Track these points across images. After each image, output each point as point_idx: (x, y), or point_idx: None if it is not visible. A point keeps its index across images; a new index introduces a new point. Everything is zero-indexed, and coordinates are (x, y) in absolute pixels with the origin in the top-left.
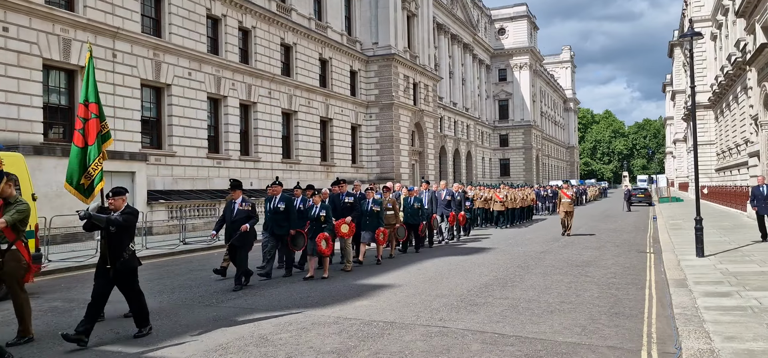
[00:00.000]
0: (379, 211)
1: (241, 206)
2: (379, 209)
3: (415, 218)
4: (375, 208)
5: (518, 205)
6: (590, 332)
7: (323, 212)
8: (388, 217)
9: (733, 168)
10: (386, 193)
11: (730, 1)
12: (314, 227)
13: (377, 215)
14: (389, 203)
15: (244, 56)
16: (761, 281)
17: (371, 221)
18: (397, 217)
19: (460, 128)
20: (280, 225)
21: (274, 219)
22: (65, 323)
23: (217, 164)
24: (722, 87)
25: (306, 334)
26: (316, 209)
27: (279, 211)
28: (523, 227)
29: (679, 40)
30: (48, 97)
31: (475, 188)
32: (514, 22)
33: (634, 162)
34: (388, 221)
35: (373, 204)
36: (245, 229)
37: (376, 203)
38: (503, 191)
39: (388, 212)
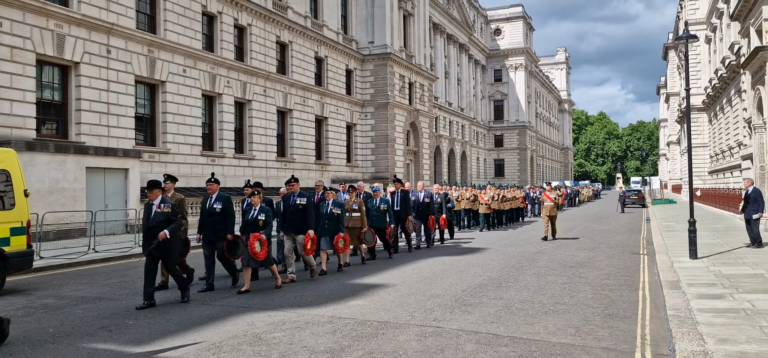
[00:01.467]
0: (340, 214)
1: (160, 207)
2: (340, 212)
3: (381, 222)
4: (335, 210)
5: (507, 206)
6: (584, 333)
7: (262, 216)
8: (354, 220)
9: (726, 171)
10: (352, 193)
11: (725, 5)
12: (250, 230)
13: (337, 218)
14: (355, 204)
15: (240, 54)
16: (754, 284)
17: (330, 225)
18: (364, 220)
19: (456, 128)
20: (215, 230)
21: (210, 223)
22: (56, 320)
23: (212, 162)
24: (716, 90)
25: (300, 333)
26: (254, 211)
27: (215, 212)
28: (509, 230)
29: (674, 42)
30: (41, 93)
31: (460, 189)
32: (510, 23)
33: (627, 164)
34: (354, 224)
35: (333, 206)
36: (163, 237)
37: (337, 204)
38: (489, 192)
39: (354, 214)
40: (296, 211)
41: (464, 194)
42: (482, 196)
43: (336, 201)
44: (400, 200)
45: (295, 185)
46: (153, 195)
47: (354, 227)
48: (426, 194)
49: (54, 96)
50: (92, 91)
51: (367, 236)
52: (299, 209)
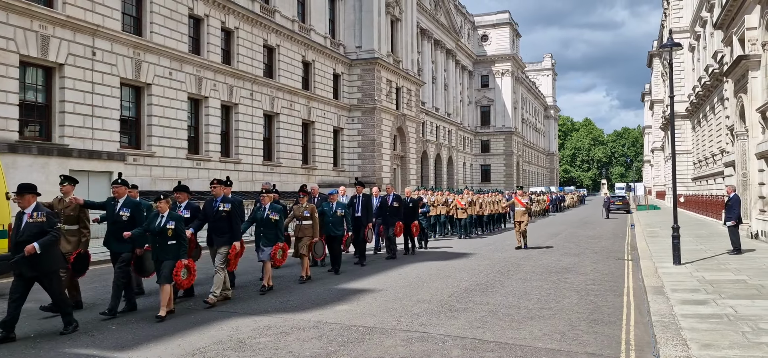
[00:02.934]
0: (278, 220)
1: (33, 217)
2: (278, 218)
3: (338, 229)
4: (273, 216)
5: (486, 211)
6: (569, 339)
7: (171, 224)
8: (305, 229)
9: (710, 177)
10: (303, 198)
11: (708, 14)
12: (157, 243)
13: (275, 226)
14: (307, 210)
15: (227, 57)
16: (736, 289)
17: (267, 233)
18: (316, 228)
19: (442, 133)
20: (121, 241)
21: (114, 232)
22: (38, 325)
23: (197, 165)
24: (699, 97)
25: (285, 338)
26: (162, 219)
27: (121, 220)
28: (488, 236)
29: (658, 50)
30: (24, 94)
31: (435, 194)
32: (497, 29)
33: (612, 170)
34: (304, 233)
35: (270, 211)
36: (30, 250)
37: (275, 209)
38: (466, 197)
39: (305, 221)
40: (219, 219)
41: (439, 199)
42: (459, 200)
43: (274, 205)
44: (361, 205)
45: (218, 188)
46: (24, 202)
47: (304, 236)
48: (394, 198)
49: (37, 98)
50: (76, 93)
51: (317, 248)
52: (223, 216)
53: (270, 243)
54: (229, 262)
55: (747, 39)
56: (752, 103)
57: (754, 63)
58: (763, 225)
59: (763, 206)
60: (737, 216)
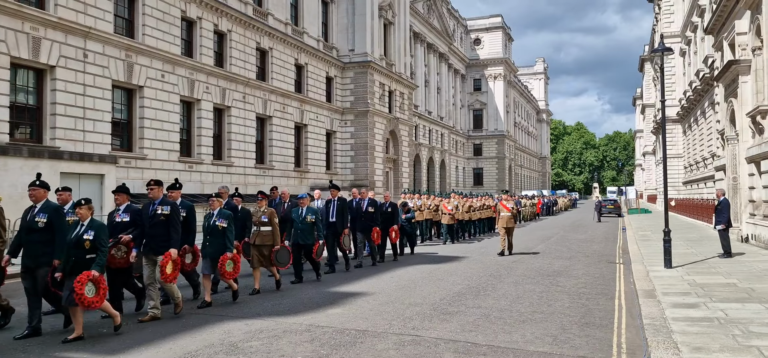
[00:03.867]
0: (226, 228)
1: None
2: (226, 225)
3: (308, 237)
4: (220, 223)
5: (476, 216)
6: (561, 342)
7: (89, 234)
8: (263, 236)
9: (700, 181)
10: (262, 202)
11: (699, 19)
12: (72, 257)
13: (223, 234)
14: (265, 215)
15: (219, 60)
16: (727, 293)
17: (213, 242)
18: (275, 235)
19: (435, 137)
20: (35, 254)
21: (29, 242)
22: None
23: (189, 168)
24: (690, 102)
25: (277, 342)
26: (81, 228)
27: (36, 229)
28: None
29: (649, 55)
30: (15, 96)
31: (422, 198)
32: (490, 33)
33: (604, 174)
34: (263, 241)
35: (218, 218)
36: None
37: (223, 216)
38: (453, 201)
39: (264, 228)
40: (156, 224)
41: (426, 203)
42: (445, 205)
43: (223, 212)
44: (336, 210)
45: (156, 190)
46: None
47: (263, 244)
48: (369, 202)
49: (28, 100)
50: (68, 95)
51: (280, 256)
52: (160, 220)
53: (216, 253)
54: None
55: (737, 44)
56: (742, 108)
57: (744, 68)
58: (753, 229)
59: (753, 210)
60: (727, 220)
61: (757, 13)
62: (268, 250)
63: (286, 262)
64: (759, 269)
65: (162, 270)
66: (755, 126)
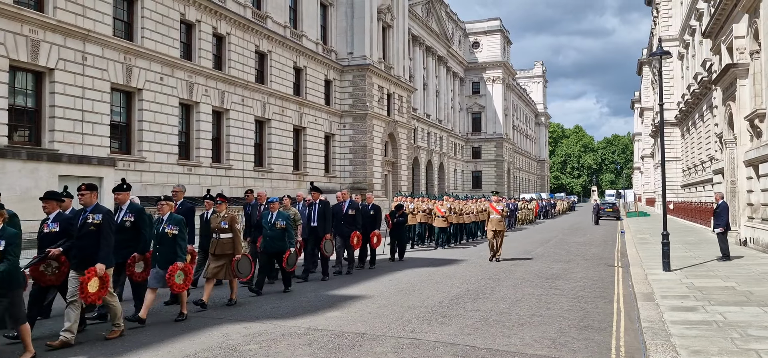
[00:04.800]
0: (177, 235)
1: None
2: (177, 232)
3: (278, 244)
4: (171, 230)
5: (468, 220)
6: (560, 345)
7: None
8: (223, 244)
9: (699, 185)
10: (221, 206)
11: (697, 22)
12: None
13: (173, 242)
14: (225, 221)
15: (218, 62)
16: (725, 296)
17: (163, 251)
18: (237, 244)
19: (434, 140)
20: None
21: None
22: None
23: (188, 171)
24: (688, 105)
25: (276, 345)
26: None
27: None
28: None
29: (648, 58)
30: (14, 99)
31: (415, 200)
32: (488, 37)
33: (603, 177)
34: (222, 250)
35: (167, 224)
36: None
37: (174, 222)
38: (446, 204)
39: (224, 235)
40: (84, 234)
41: (420, 206)
42: (438, 207)
43: (174, 217)
44: (318, 214)
45: (87, 195)
46: None
47: (223, 253)
48: (350, 205)
49: (27, 102)
50: (67, 98)
51: (242, 266)
52: (90, 230)
53: (166, 264)
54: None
55: (735, 47)
56: (740, 111)
57: (742, 71)
58: (752, 232)
59: (751, 213)
60: (726, 223)
61: (755, 17)
62: (228, 259)
63: (247, 273)
64: (757, 272)
65: (82, 288)
66: (753, 129)
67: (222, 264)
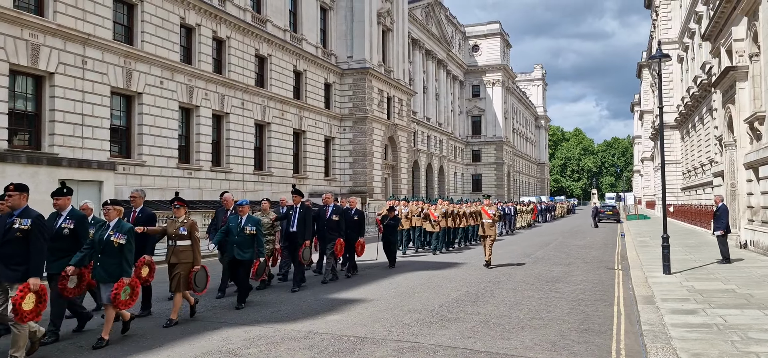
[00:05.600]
0: (124, 245)
1: None
2: (125, 242)
3: (245, 251)
4: (117, 239)
5: (463, 223)
6: (560, 348)
7: None
8: (181, 252)
9: (698, 187)
10: (180, 210)
11: (697, 25)
12: None
13: (120, 251)
14: (183, 226)
15: (218, 66)
16: (726, 299)
17: (105, 262)
18: (196, 253)
19: (433, 143)
20: None
21: None
22: None
23: (188, 175)
24: (688, 108)
25: (276, 349)
26: None
27: None
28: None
29: (647, 61)
30: (14, 103)
31: (410, 204)
32: (488, 40)
33: (602, 180)
34: (178, 258)
35: (114, 232)
36: None
37: (121, 229)
38: (441, 207)
39: (181, 241)
40: (9, 241)
41: (414, 210)
42: (432, 212)
43: (121, 224)
44: (298, 219)
45: (15, 197)
46: None
47: (180, 262)
48: (335, 210)
49: (27, 106)
50: (67, 102)
51: (198, 278)
52: (15, 237)
53: (111, 278)
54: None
55: (734, 50)
56: (740, 114)
57: (742, 74)
58: (752, 234)
59: (751, 216)
60: (726, 226)
61: (754, 20)
62: (185, 269)
63: (202, 286)
64: (758, 274)
65: (15, 306)
66: (753, 132)
67: (177, 274)
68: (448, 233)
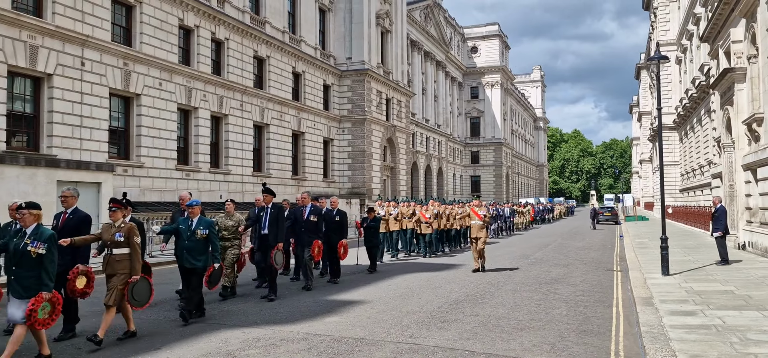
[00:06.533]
0: (44, 256)
1: None
2: (45, 252)
3: (197, 257)
4: (35, 249)
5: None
6: (559, 350)
7: None
8: (117, 262)
9: (697, 189)
10: (116, 213)
11: (695, 27)
12: None
13: (37, 263)
14: (120, 231)
15: (217, 68)
16: (724, 300)
17: (23, 275)
18: (135, 262)
19: (432, 144)
20: None
21: None
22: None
23: (187, 176)
24: (687, 109)
25: (274, 350)
26: None
27: None
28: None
29: (646, 62)
30: (12, 105)
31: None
32: (487, 41)
33: (601, 181)
34: (114, 269)
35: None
36: None
37: (41, 236)
38: (432, 208)
39: (117, 249)
40: None
41: (404, 212)
42: (423, 213)
43: (43, 230)
44: (269, 219)
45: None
46: None
47: (115, 272)
48: (312, 210)
49: (25, 108)
50: (65, 103)
51: (138, 292)
52: None
53: (27, 293)
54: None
55: (733, 52)
56: (738, 115)
57: (740, 75)
58: (750, 236)
59: (749, 217)
60: (724, 227)
61: (752, 21)
62: (121, 281)
63: (144, 300)
64: (756, 276)
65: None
66: (751, 133)
67: (112, 287)
68: (441, 235)
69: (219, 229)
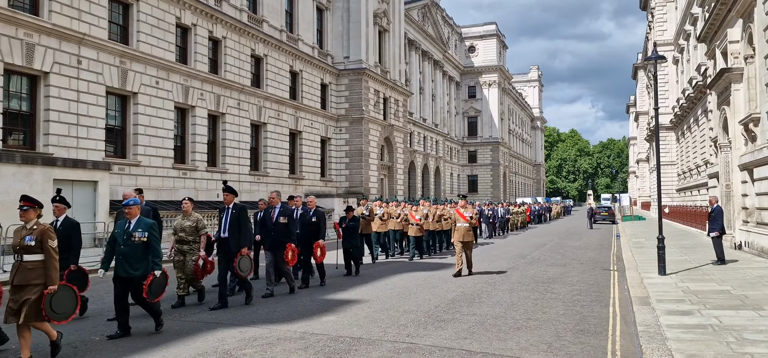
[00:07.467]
0: None
1: None
2: None
3: (135, 265)
4: None
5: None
6: (556, 349)
7: None
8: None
9: (694, 189)
10: (28, 213)
11: (692, 27)
12: None
13: None
14: (31, 235)
15: (214, 66)
16: (721, 300)
17: None
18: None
19: (430, 144)
20: None
21: None
22: None
23: (183, 175)
24: (683, 109)
25: (271, 350)
26: None
27: None
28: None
29: (643, 62)
30: (8, 103)
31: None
32: (484, 41)
33: (598, 181)
34: (25, 279)
35: None
36: None
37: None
38: (422, 209)
39: (29, 257)
40: None
41: (392, 212)
42: (413, 214)
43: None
44: (230, 222)
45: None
46: None
47: (27, 283)
48: (282, 211)
49: (22, 106)
50: (62, 101)
51: (57, 303)
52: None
53: None
54: None
55: (730, 52)
56: (735, 116)
57: (737, 76)
58: (747, 236)
59: (746, 217)
60: (721, 227)
61: (749, 22)
62: (35, 292)
63: (66, 313)
64: (753, 276)
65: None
66: (748, 133)
67: (23, 299)
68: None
69: (175, 231)
